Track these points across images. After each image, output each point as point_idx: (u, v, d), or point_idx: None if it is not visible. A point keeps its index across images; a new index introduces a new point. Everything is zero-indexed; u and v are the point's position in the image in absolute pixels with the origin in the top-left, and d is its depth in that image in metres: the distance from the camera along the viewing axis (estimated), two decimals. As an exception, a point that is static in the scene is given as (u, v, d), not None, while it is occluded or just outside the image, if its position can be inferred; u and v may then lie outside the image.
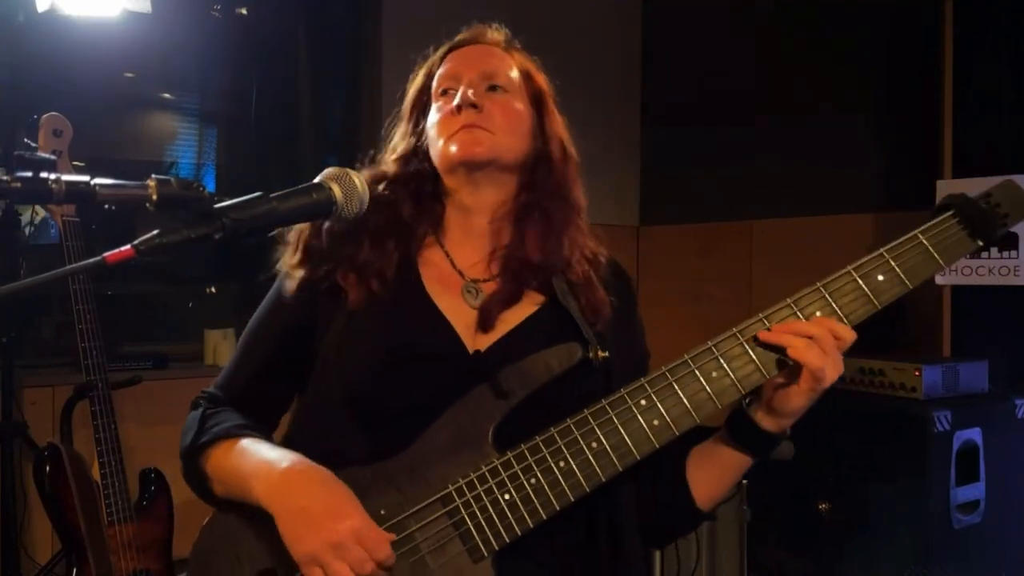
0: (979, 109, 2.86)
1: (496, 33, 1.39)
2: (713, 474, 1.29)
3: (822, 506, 2.60)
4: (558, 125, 1.37)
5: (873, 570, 2.49)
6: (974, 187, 1.23)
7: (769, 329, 1.16)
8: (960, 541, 2.47)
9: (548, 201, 1.32)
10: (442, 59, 1.37)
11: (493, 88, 1.30)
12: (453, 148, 1.27)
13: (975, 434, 2.50)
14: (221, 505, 1.25)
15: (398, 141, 1.38)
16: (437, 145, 1.30)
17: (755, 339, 1.17)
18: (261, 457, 1.18)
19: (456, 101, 1.27)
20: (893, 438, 2.48)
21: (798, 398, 1.17)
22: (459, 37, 1.39)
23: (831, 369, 1.14)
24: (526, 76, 1.36)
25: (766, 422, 1.22)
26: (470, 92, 1.28)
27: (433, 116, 1.32)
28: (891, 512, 2.46)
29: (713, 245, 4.04)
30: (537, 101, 1.36)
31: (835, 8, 3.59)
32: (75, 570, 2.48)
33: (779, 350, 1.16)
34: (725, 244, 3.98)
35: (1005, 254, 2.71)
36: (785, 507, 2.72)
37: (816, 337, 1.14)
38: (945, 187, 2.84)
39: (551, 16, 3.75)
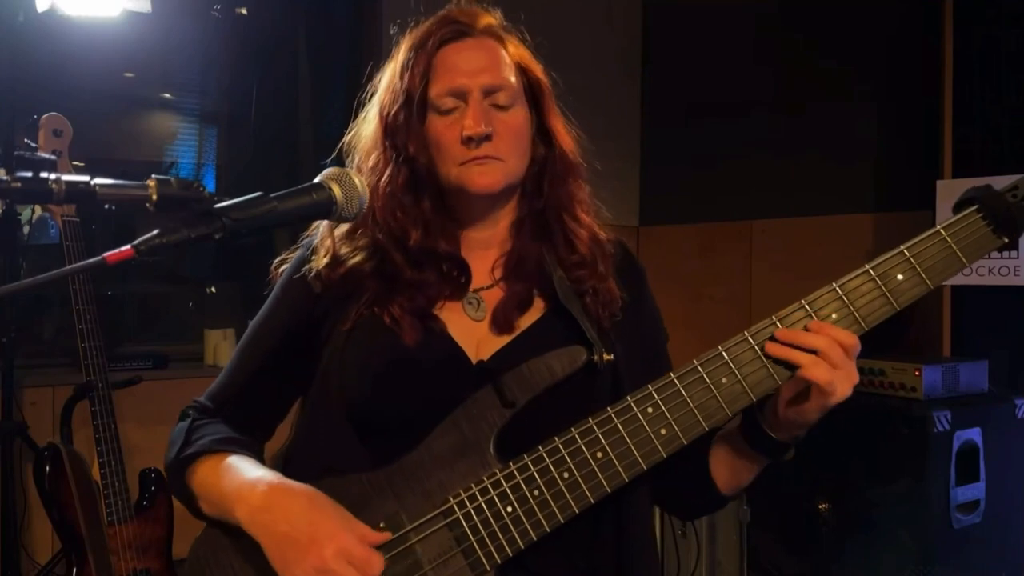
0: (979, 109, 2.86)
1: (488, 17, 1.27)
2: (731, 471, 1.27)
3: (822, 506, 2.60)
4: (556, 121, 1.29)
5: (873, 570, 2.49)
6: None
7: (780, 328, 1.12)
8: (960, 541, 2.47)
9: (550, 205, 1.27)
10: (434, 51, 1.22)
11: (498, 107, 1.21)
12: (469, 181, 1.20)
13: (975, 434, 2.50)
14: (211, 521, 1.21)
15: (408, 147, 1.23)
16: (445, 167, 1.22)
17: (765, 347, 1.12)
18: (242, 479, 1.13)
19: (468, 132, 1.18)
20: (893, 438, 2.48)
21: (809, 413, 1.14)
22: (447, 20, 1.24)
23: (841, 383, 1.10)
24: (522, 72, 1.25)
25: (777, 431, 1.19)
26: (483, 126, 1.18)
27: (438, 135, 1.21)
28: (891, 512, 2.46)
29: (713, 245, 4.04)
30: (534, 98, 1.27)
31: (835, 8, 3.58)
32: (75, 570, 2.47)
33: (789, 365, 1.11)
34: (725, 244, 3.98)
35: (1005, 254, 2.71)
36: (785, 507, 2.72)
37: (822, 351, 1.09)
38: (945, 187, 2.84)
39: (550, 16, 3.74)
